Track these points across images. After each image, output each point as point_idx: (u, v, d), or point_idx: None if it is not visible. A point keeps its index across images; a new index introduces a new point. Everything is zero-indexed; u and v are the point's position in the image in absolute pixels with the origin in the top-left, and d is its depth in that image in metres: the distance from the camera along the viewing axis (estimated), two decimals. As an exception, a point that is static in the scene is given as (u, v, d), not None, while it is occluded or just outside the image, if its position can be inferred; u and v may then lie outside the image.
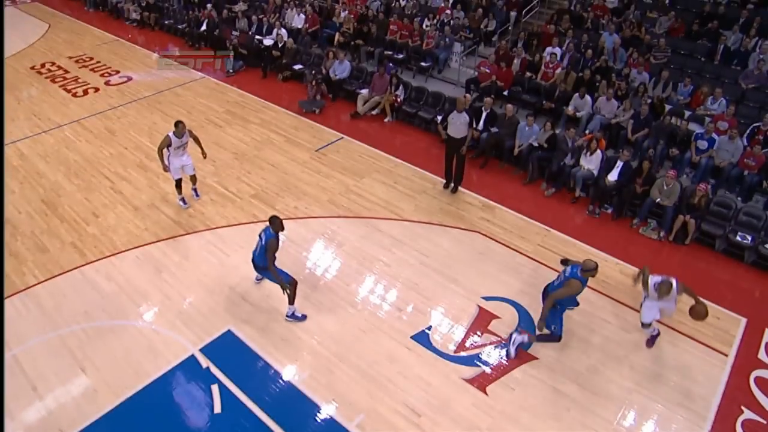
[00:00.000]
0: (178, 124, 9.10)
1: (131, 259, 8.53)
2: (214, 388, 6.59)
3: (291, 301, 7.36)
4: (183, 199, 9.71)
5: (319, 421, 6.30)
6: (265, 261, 7.06)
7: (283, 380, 6.75)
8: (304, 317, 7.47)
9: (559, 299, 6.69)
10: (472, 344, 7.19)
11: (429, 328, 7.40)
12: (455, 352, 7.08)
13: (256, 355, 6.99)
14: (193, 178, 9.77)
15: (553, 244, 9.03)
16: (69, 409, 6.37)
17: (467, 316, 7.59)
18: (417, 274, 8.31)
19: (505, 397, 6.53)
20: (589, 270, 6.54)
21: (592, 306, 7.37)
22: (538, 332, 7.01)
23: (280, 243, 7.12)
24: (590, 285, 7.66)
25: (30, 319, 7.45)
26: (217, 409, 6.38)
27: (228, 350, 7.06)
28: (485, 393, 6.58)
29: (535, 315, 7.27)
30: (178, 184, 9.57)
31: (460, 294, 7.96)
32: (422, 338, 7.25)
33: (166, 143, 9.03)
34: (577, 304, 7.13)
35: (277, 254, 7.07)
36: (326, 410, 6.40)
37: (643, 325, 7.11)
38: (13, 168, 10.86)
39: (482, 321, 7.52)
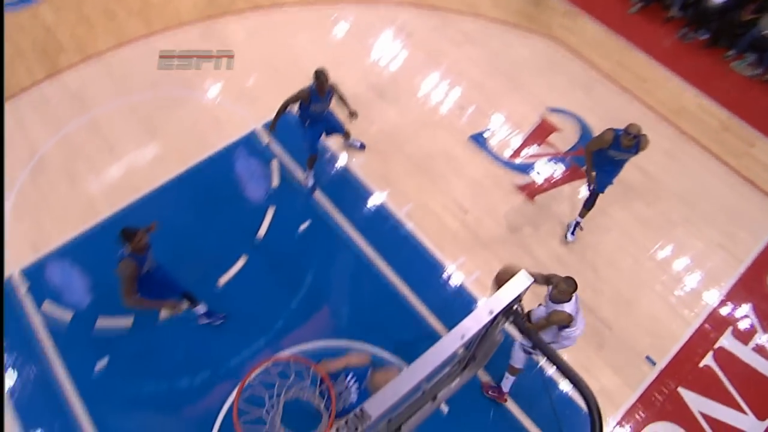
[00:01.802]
0: None
1: (196, 32, 8.40)
2: (274, 163, 6.93)
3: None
4: None
5: (369, 204, 6.66)
6: None
7: (339, 161, 7.01)
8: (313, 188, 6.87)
9: (590, 150, 6.02)
10: (528, 153, 7.18)
11: (488, 131, 7.35)
12: (510, 158, 7.11)
13: (314, 136, 7.17)
14: None
15: (633, 64, 8.41)
16: (143, 171, 6.88)
17: (528, 125, 7.46)
18: (484, 75, 8.02)
19: (551, 209, 6.68)
20: (629, 133, 5.44)
21: (657, 134, 7.09)
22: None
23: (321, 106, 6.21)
24: (664, 114, 7.39)
25: (103, 85, 7.67)
26: (275, 183, 6.78)
27: (288, 129, 7.21)
28: (533, 201, 6.73)
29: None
30: None
31: (525, 101, 7.72)
32: (480, 140, 7.25)
33: None
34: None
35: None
36: (378, 195, 6.72)
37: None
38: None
39: (542, 132, 7.39)
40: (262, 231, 6.43)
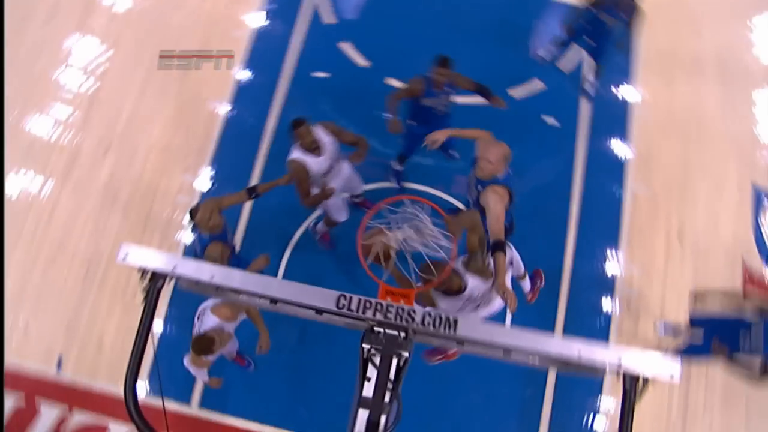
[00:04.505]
0: None
1: None
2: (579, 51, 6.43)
3: None
4: None
5: (614, 154, 6.27)
6: None
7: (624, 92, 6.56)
8: None
9: None
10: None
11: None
12: (769, 240, 6.00)
13: None
14: None
15: None
16: None
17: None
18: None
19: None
20: None
21: None
22: None
23: None
24: None
25: None
26: (567, 68, 6.51)
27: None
28: (746, 291, 5.50)
29: None
30: None
31: None
32: (760, 197, 6.08)
33: None
34: None
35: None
36: (627, 153, 6.21)
37: None
38: None
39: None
40: (515, 92, 6.18)
